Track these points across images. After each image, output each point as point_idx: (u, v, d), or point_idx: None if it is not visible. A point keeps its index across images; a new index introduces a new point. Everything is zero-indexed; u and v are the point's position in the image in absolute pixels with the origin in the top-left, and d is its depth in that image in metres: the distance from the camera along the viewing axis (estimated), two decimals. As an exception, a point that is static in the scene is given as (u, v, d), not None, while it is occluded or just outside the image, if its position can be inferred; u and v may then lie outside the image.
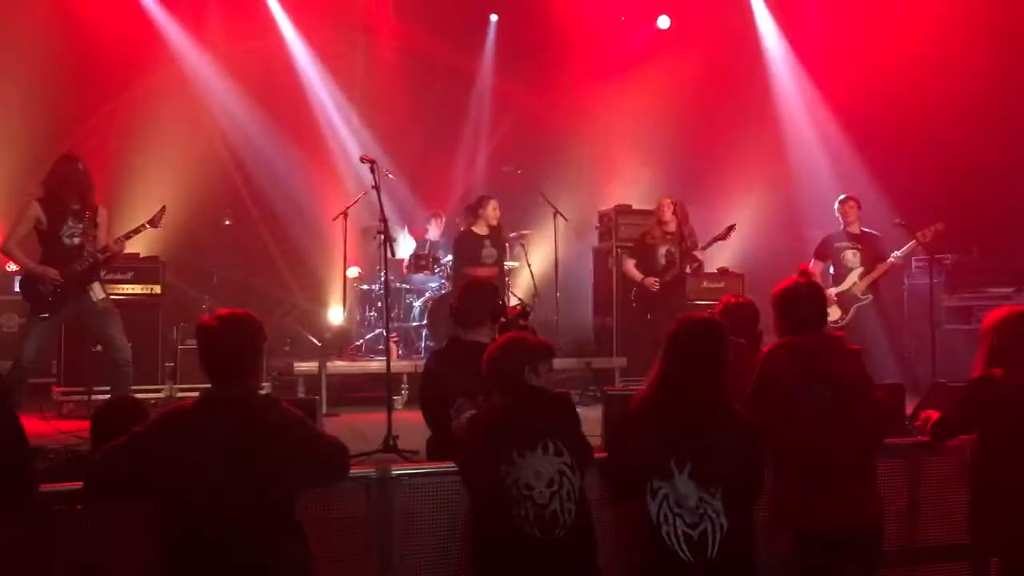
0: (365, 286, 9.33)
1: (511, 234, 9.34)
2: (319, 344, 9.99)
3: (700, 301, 8.40)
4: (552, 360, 3.50)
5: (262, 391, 3.40)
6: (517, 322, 4.31)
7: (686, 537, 3.20)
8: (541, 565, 3.18)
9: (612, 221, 9.50)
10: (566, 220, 8.95)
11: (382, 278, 7.10)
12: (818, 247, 8.24)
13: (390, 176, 8.20)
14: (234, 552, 2.92)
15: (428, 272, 9.01)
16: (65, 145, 9.34)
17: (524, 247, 9.33)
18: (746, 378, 3.72)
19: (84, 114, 9.80)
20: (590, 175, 11.40)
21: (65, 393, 7.18)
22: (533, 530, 3.16)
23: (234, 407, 3.04)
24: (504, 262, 8.76)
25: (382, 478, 3.70)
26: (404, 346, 8.89)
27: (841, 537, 3.55)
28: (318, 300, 10.74)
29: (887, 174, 9.63)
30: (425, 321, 8.83)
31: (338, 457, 3.28)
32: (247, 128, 10.38)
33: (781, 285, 3.88)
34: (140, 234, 6.43)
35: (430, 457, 4.15)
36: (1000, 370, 3.89)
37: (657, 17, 11.56)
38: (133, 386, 6.27)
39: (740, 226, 8.51)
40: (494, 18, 11.68)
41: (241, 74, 10.32)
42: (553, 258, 8.93)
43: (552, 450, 3.24)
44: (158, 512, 2.98)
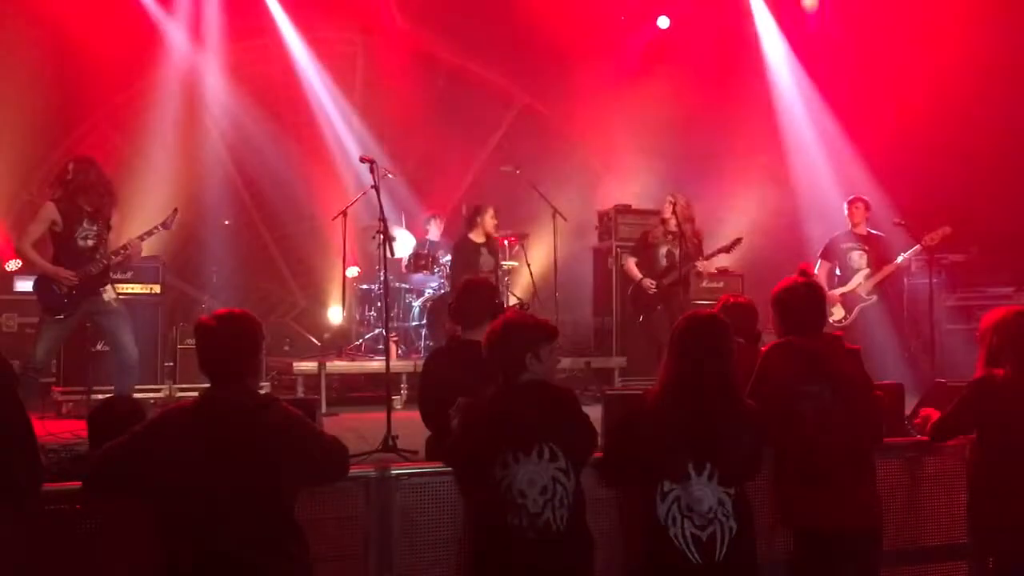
0: (364, 286, 9.32)
1: (510, 233, 9.34)
2: (318, 344, 9.99)
3: (699, 301, 8.37)
4: (554, 343, 3.44)
5: (261, 391, 3.39)
6: None
7: (695, 539, 3.20)
8: (536, 567, 3.18)
9: (611, 221, 9.51)
10: (565, 220, 8.94)
11: (381, 278, 7.10)
12: (824, 248, 8.23)
13: (390, 176, 8.19)
14: (233, 551, 2.92)
15: (428, 272, 9.01)
16: (65, 145, 9.38)
17: (523, 247, 9.33)
18: (745, 378, 3.72)
19: (83, 114, 9.80)
20: (589, 175, 11.40)
21: (65, 393, 7.18)
22: (527, 534, 3.16)
23: (233, 407, 3.04)
24: (500, 268, 8.77)
25: (381, 478, 3.71)
26: (404, 346, 8.89)
27: (840, 537, 3.55)
28: (318, 300, 10.74)
29: (887, 174, 9.62)
30: (424, 321, 8.84)
31: (337, 457, 3.28)
32: (247, 128, 10.37)
33: (780, 285, 3.89)
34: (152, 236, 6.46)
35: (429, 457, 4.15)
36: (1000, 370, 3.90)
37: (657, 17, 11.55)
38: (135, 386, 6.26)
39: (739, 226, 8.50)
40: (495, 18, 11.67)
41: (241, 73, 10.31)
42: (552, 258, 8.93)
43: (548, 455, 3.23)
44: (157, 511, 2.98)
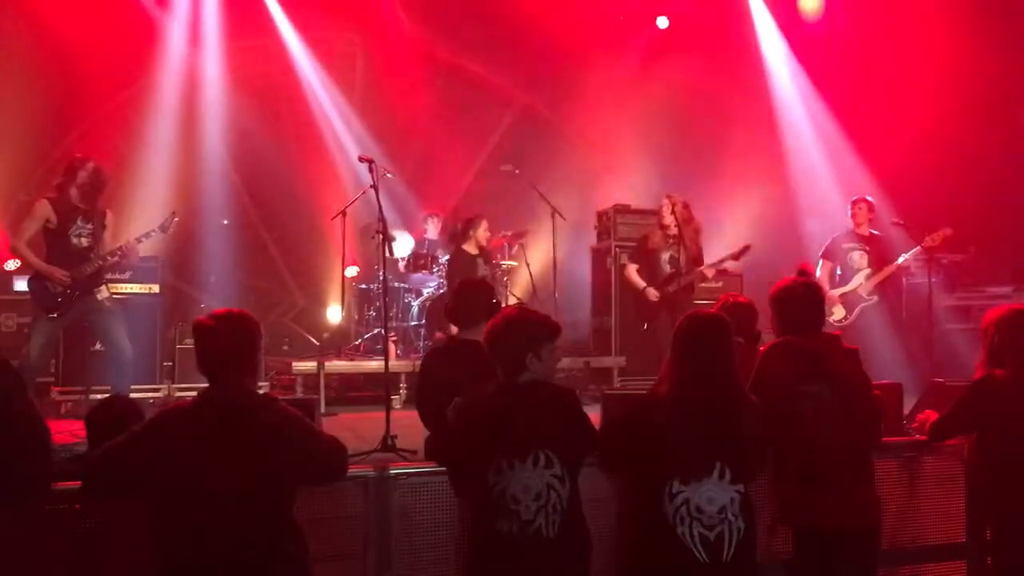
0: (363, 285, 9.32)
1: (509, 235, 9.34)
2: (317, 343, 9.98)
3: (698, 301, 8.36)
4: (556, 341, 3.41)
5: (260, 390, 3.39)
6: None
7: (702, 538, 3.19)
8: (527, 572, 3.18)
9: (610, 220, 9.50)
10: (564, 219, 8.94)
11: (380, 277, 7.09)
12: (826, 248, 8.23)
13: (388, 175, 8.19)
14: (232, 551, 2.92)
15: (426, 272, 9.01)
16: (63, 144, 9.37)
17: (522, 246, 9.33)
18: (745, 378, 3.71)
19: (82, 113, 9.78)
20: (588, 175, 11.39)
21: (63, 393, 7.18)
22: (519, 540, 3.15)
23: (232, 407, 3.04)
24: (494, 276, 8.78)
25: (380, 477, 3.71)
26: (402, 345, 8.89)
27: (839, 536, 3.55)
28: (316, 299, 10.74)
29: (885, 173, 9.63)
30: (423, 321, 8.84)
31: (336, 456, 3.28)
32: (246, 127, 10.36)
33: (779, 284, 3.89)
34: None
35: (428, 457, 4.15)
36: (1000, 371, 3.90)
37: (656, 17, 11.55)
38: (131, 385, 6.26)
39: (738, 225, 8.47)
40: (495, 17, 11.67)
41: (240, 73, 10.30)
42: (551, 257, 8.93)
43: (543, 462, 3.21)
44: (156, 511, 2.98)
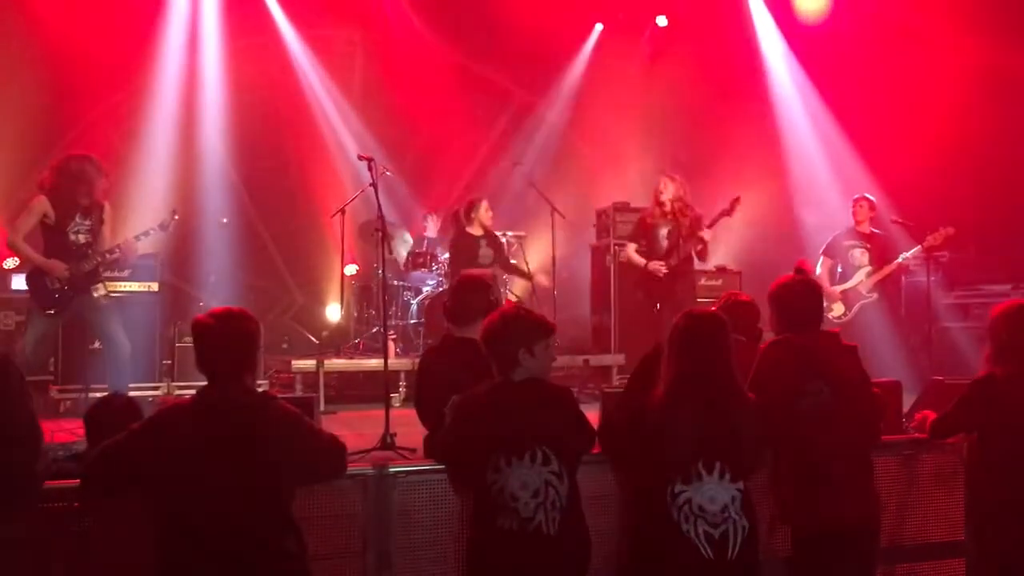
0: (363, 284, 9.31)
1: (508, 233, 9.33)
2: (317, 342, 9.98)
3: (700, 299, 8.35)
4: (551, 339, 3.42)
5: (259, 389, 3.39)
6: None
7: (707, 536, 3.19)
8: (527, 569, 3.18)
9: (609, 218, 9.49)
10: (563, 217, 8.94)
11: (380, 275, 7.09)
12: (826, 245, 8.23)
13: (388, 173, 8.19)
14: (231, 549, 2.92)
15: (426, 269, 8.99)
16: (63, 143, 9.35)
17: (521, 246, 9.32)
18: (744, 375, 3.72)
19: (81, 112, 9.77)
20: (587, 173, 11.39)
21: (62, 391, 7.17)
22: (519, 537, 3.16)
23: (231, 405, 3.04)
24: (501, 260, 8.72)
25: (380, 475, 3.71)
26: (402, 344, 8.89)
27: (839, 534, 3.55)
28: (316, 298, 10.74)
29: (884, 171, 9.63)
30: (422, 319, 8.83)
31: (335, 454, 3.28)
32: (245, 125, 10.36)
33: (777, 282, 3.88)
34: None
35: (428, 455, 4.15)
36: (1001, 369, 3.88)
37: (655, 16, 11.55)
38: (130, 384, 6.25)
39: (738, 225, 8.45)
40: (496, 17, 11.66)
41: (239, 71, 10.29)
42: (550, 256, 8.92)
43: (540, 459, 3.21)
44: (155, 510, 2.98)
